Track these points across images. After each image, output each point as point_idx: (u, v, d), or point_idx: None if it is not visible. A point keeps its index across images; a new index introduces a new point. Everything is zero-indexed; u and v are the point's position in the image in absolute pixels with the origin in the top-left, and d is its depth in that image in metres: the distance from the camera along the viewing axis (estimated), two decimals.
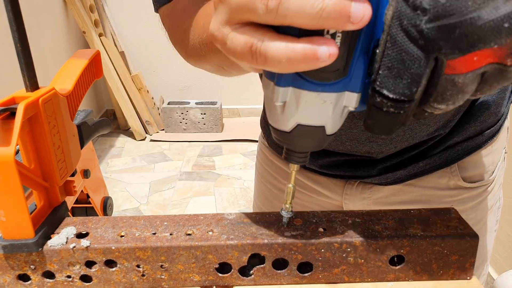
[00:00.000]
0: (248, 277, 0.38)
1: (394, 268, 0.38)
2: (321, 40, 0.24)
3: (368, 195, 0.64)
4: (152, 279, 0.38)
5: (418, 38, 0.23)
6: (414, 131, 0.55)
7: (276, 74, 0.27)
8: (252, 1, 0.23)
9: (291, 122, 0.30)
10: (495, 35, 0.22)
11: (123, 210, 2.29)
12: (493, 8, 0.21)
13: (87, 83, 0.48)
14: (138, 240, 0.37)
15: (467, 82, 0.25)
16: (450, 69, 0.24)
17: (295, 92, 0.28)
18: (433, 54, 0.23)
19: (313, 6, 0.22)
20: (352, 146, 0.58)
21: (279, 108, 0.29)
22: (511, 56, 0.23)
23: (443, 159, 0.60)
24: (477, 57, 0.23)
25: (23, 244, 0.36)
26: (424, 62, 0.24)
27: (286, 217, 0.38)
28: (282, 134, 0.31)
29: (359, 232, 0.38)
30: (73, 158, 0.43)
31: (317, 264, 0.38)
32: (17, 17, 0.35)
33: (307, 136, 0.30)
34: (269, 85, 0.29)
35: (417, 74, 0.24)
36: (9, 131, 0.34)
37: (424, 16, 0.22)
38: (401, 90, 0.25)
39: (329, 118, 0.29)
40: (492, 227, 0.68)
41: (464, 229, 0.38)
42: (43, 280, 0.38)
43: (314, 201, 0.69)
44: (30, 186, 0.37)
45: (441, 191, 0.62)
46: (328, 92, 0.27)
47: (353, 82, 0.27)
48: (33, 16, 2.40)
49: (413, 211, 0.41)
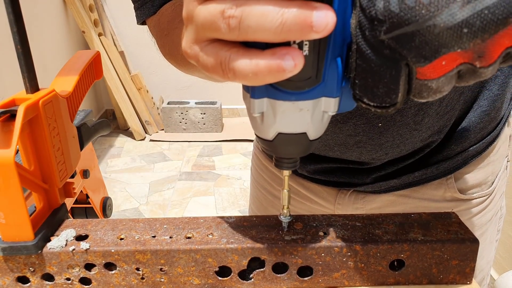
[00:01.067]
0: (248, 281, 0.38)
1: (394, 273, 0.38)
2: (285, 51, 0.23)
3: (361, 205, 0.63)
4: (151, 282, 0.38)
5: (382, 48, 0.23)
6: (404, 137, 0.53)
7: (250, 87, 0.27)
8: (214, 21, 0.23)
9: (271, 131, 0.30)
10: (456, 41, 0.21)
11: (123, 210, 2.29)
12: (449, 15, 0.21)
13: (87, 84, 0.48)
14: (137, 243, 0.37)
15: (441, 84, 0.24)
16: (421, 75, 0.24)
17: (271, 102, 0.28)
18: (401, 62, 0.23)
19: (272, 21, 0.22)
20: (341, 151, 0.57)
21: (258, 118, 0.29)
22: (479, 59, 0.22)
23: (441, 170, 0.58)
24: (445, 61, 0.23)
25: (22, 247, 0.36)
26: (395, 72, 0.23)
27: (286, 222, 0.38)
28: (266, 143, 0.31)
29: (359, 236, 0.38)
30: (72, 159, 0.42)
31: (317, 268, 0.38)
32: (17, 18, 0.35)
33: (290, 143, 0.30)
34: (246, 97, 0.29)
35: (392, 83, 0.24)
36: (9, 133, 0.34)
37: (381, 27, 0.22)
38: (380, 99, 0.25)
39: (309, 125, 0.29)
40: (493, 237, 0.66)
41: (464, 234, 0.38)
42: (43, 282, 0.38)
43: (307, 209, 0.68)
44: (29, 188, 0.37)
45: (436, 203, 0.60)
46: (303, 100, 0.27)
47: (329, 87, 0.27)
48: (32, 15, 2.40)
49: (413, 215, 0.41)
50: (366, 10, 0.22)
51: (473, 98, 0.55)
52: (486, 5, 0.20)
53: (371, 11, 0.22)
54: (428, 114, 0.51)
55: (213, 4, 0.23)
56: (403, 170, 0.58)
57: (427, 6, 0.21)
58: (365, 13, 0.23)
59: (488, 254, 0.67)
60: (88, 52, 0.50)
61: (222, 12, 0.23)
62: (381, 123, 0.51)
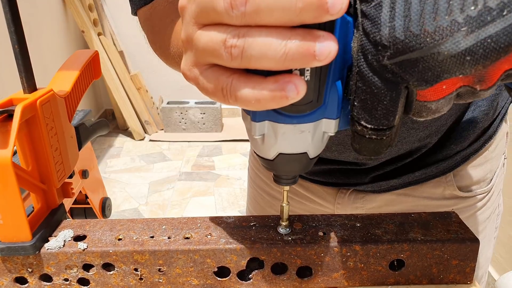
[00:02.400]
0: (247, 281, 0.38)
1: (394, 273, 0.38)
2: (288, 78, 0.23)
3: (361, 204, 0.63)
4: (150, 283, 0.38)
5: (384, 72, 0.23)
6: (401, 135, 0.53)
7: (251, 111, 0.27)
8: (216, 48, 0.23)
9: (272, 152, 0.30)
10: (459, 67, 0.21)
11: (122, 211, 2.29)
12: (453, 44, 0.21)
13: (86, 84, 0.48)
14: (135, 244, 0.37)
15: (441, 106, 0.25)
16: (422, 97, 0.24)
17: (272, 125, 0.28)
18: (402, 84, 0.23)
19: (275, 51, 0.22)
20: (340, 152, 0.57)
21: (259, 140, 0.29)
22: (480, 83, 0.23)
23: (441, 169, 0.59)
24: (446, 85, 0.23)
25: (20, 247, 0.36)
26: (395, 94, 0.24)
27: (285, 234, 0.38)
28: (266, 162, 0.31)
29: (359, 236, 0.37)
30: (71, 160, 0.42)
31: (316, 268, 0.37)
32: (15, 18, 0.35)
33: (290, 162, 0.31)
34: (247, 118, 0.29)
35: (391, 105, 0.24)
36: (6, 133, 0.33)
37: (385, 52, 0.22)
38: (378, 121, 0.25)
39: (310, 145, 0.29)
40: (491, 235, 0.67)
41: (464, 234, 0.38)
42: (40, 283, 0.38)
43: (307, 209, 0.68)
44: (27, 188, 0.37)
45: (436, 201, 0.60)
46: (304, 123, 0.27)
47: (329, 109, 0.27)
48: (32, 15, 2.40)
49: (413, 215, 0.41)
50: (370, 35, 0.23)
51: None
52: (489, 34, 0.20)
53: (376, 36, 0.22)
54: None
55: (214, 31, 0.23)
56: (402, 170, 0.59)
57: (432, 34, 0.21)
58: (369, 37, 0.23)
59: (487, 251, 0.67)
60: (87, 51, 0.50)
61: (224, 41, 0.23)
62: None
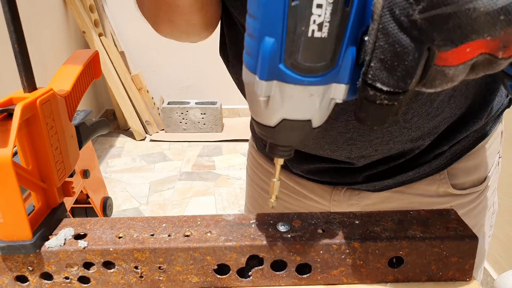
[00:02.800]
0: (246, 278, 0.38)
1: (393, 270, 0.38)
2: None
3: (356, 201, 0.63)
4: (150, 281, 0.38)
5: (411, 29, 0.22)
6: (393, 134, 0.53)
7: (259, 67, 0.26)
8: None
9: (276, 117, 0.28)
10: (490, 27, 0.21)
11: (123, 210, 2.29)
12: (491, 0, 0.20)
13: (86, 84, 0.48)
14: (136, 242, 0.37)
15: (458, 73, 0.24)
16: (442, 60, 0.23)
17: (280, 86, 0.26)
18: (426, 45, 0.23)
19: None
20: (332, 150, 0.56)
21: (263, 103, 0.28)
22: (504, 49, 0.22)
23: (433, 167, 0.58)
24: (470, 48, 0.22)
25: (20, 246, 0.36)
26: (418, 54, 0.23)
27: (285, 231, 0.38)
28: (266, 129, 0.30)
29: (358, 233, 0.37)
30: (71, 159, 0.42)
31: (315, 265, 0.38)
32: (14, 18, 0.35)
33: (293, 130, 0.29)
34: (251, 78, 0.27)
35: (411, 67, 0.23)
36: (6, 132, 0.34)
37: (417, 5, 0.22)
38: (395, 83, 0.24)
39: (316, 111, 0.28)
40: (486, 233, 0.67)
41: (463, 231, 0.38)
42: (41, 281, 0.38)
43: (303, 205, 0.68)
44: (27, 187, 0.37)
45: (430, 198, 0.60)
46: (315, 85, 0.26)
47: (342, 73, 0.26)
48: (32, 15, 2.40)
49: (412, 212, 0.41)
50: None
51: (468, 104, 0.55)
52: None
53: None
54: (418, 113, 0.51)
55: None
56: (395, 170, 0.59)
57: None
58: None
59: (481, 248, 0.67)
60: (87, 51, 0.50)
61: None
62: None
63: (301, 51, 0.25)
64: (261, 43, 0.25)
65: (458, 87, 0.51)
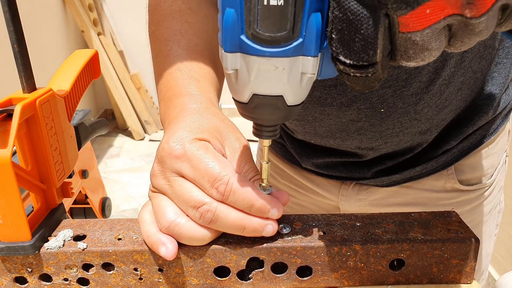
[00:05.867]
0: (247, 281, 0.38)
1: (394, 272, 0.38)
2: None
3: (364, 196, 0.63)
4: (149, 283, 0.38)
5: None
6: (404, 125, 0.53)
7: (223, 39, 0.26)
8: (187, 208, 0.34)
9: (246, 92, 0.28)
10: None
11: (122, 211, 2.29)
12: None
13: (85, 84, 0.48)
14: (135, 243, 0.37)
15: (428, 39, 0.22)
16: (404, 26, 0.22)
17: (244, 58, 0.26)
18: (380, 10, 0.21)
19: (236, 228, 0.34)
20: (342, 138, 0.57)
21: (232, 76, 0.28)
22: (469, 6, 0.20)
23: (440, 163, 0.59)
24: (429, 10, 0.21)
25: (19, 247, 0.35)
26: (372, 21, 0.22)
27: (285, 231, 0.38)
28: (242, 106, 0.30)
29: (359, 236, 0.37)
30: (70, 159, 0.42)
31: (316, 268, 0.37)
32: (14, 18, 0.34)
33: (266, 107, 0.29)
34: (220, 52, 0.28)
35: (368, 35, 0.22)
36: (5, 133, 0.33)
37: None
38: (357, 55, 0.23)
39: (286, 87, 0.27)
40: (492, 231, 0.67)
41: (465, 233, 0.38)
42: (40, 283, 0.38)
43: (312, 201, 0.69)
44: (27, 188, 0.37)
45: (437, 194, 0.61)
46: (278, 57, 0.26)
47: (307, 45, 0.25)
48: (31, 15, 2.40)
49: (413, 214, 0.41)
50: None
51: (472, 97, 0.55)
52: None
53: None
54: (428, 104, 0.52)
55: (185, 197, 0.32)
56: (403, 165, 0.59)
57: None
58: None
59: (487, 247, 0.67)
60: (86, 51, 0.50)
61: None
62: (384, 108, 0.52)
63: (259, 20, 0.24)
64: (223, 15, 0.25)
65: (467, 80, 0.52)
